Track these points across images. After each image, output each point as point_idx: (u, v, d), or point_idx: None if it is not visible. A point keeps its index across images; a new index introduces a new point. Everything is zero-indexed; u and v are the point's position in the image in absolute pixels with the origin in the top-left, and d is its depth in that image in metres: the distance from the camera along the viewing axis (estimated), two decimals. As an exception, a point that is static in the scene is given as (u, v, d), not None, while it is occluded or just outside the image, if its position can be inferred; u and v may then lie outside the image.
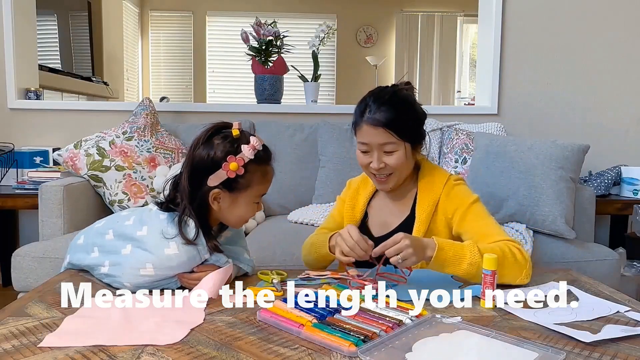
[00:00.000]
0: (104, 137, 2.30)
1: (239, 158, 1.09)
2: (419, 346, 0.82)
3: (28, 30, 2.91)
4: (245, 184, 1.11)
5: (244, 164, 1.09)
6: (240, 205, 1.13)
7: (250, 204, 1.15)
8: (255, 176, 1.12)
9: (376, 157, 1.26)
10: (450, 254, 1.13)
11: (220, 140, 1.11)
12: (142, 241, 1.11)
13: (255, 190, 1.14)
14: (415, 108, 1.31)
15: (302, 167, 2.49)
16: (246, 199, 1.13)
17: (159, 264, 1.09)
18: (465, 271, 1.13)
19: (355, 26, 6.55)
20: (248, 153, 1.09)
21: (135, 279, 1.10)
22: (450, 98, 6.54)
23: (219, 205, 1.12)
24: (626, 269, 2.26)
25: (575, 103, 2.84)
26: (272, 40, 2.68)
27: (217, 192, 1.10)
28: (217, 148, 1.10)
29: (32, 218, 2.55)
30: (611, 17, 2.81)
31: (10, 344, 0.82)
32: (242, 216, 1.16)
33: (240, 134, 1.12)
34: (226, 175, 1.09)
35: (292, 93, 4.07)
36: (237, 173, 1.09)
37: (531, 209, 1.96)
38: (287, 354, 0.80)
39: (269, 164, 1.16)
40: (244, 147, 1.09)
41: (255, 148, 1.11)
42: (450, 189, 1.31)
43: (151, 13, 6.48)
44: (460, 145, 2.36)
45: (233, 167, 1.08)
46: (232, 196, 1.12)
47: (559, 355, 0.79)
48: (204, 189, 1.10)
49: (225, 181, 1.09)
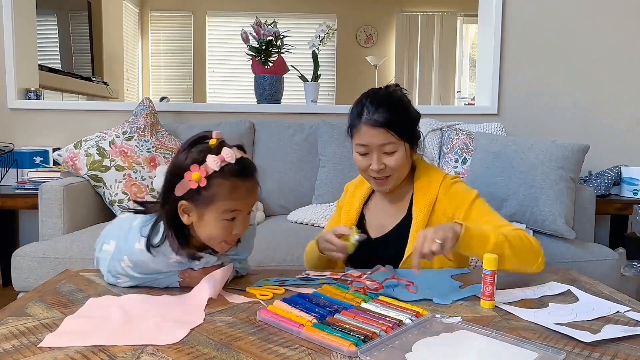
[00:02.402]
0: (104, 137, 2.30)
1: (202, 168, 1.01)
2: (419, 346, 0.82)
3: (28, 30, 2.91)
4: (208, 197, 1.02)
5: (207, 175, 1.01)
6: (208, 222, 1.04)
7: (218, 222, 1.04)
8: (220, 190, 1.02)
9: (376, 158, 1.26)
10: (477, 232, 1.12)
11: (196, 149, 1.04)
12: (125, 236, 1.12)
13: (221, 205, 1.03)
14: (410, 108, 1.32)
15: (302, 167, 2.49)
16: (212, 215, 1.04)
17: (133, 258, 1.09)
18: (489, 251, 1.10)
19: (355, 26, 6.55)
20: (212, 164, 1.01)
21: (122, 271, 1.11)
22: (450, 98, 6.54)
23: (189, 219, 1.05)
24: (626, 269, 2.26)
25: (575, 103, 2.84)
26: (272, 40, 2.68)
27: (185, 204, 1.03)
28: (190, 156, 1.03)
29: (32, 218, 2.55)
30: (611, 17, 2.81)
31: (10, 344, 0.82)
32: (211, 235, 1.06)
33: (219, 144, 1.04)
34: (189, 185, 1.01)
35: (292, 93, 4.06)
36: (199, 184, 1.01)
37: (531, 209, 1.96)
38: (287, 354, 0.80)
39: (242, 179, 1.05)
40: (210, 157, 1.01)
41: (225, 160, 1.01)
42: (448, 188, 1.31)
43: (151, 13, 6.48)
44: (460, 145, 2.36)
45: (195, 177, 1.00)
46: (198, 211, 1.04)
47: (559, 355, 0.79)
48: (172, 197, 1.04)
49: (191, 193, 1.02)
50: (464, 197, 1.29)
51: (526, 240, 1.17)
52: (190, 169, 1.01)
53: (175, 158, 1.07)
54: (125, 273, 1.11)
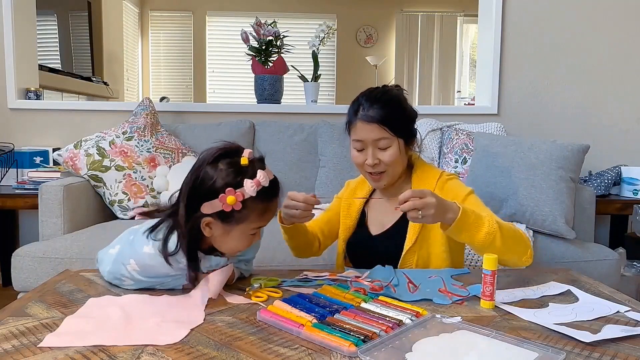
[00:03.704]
0: (104, 137, 2.30)
1: (238, 193, 0.99)
2: (419, 346, 0.82)
3: (28, 30, 2.91)
4: (241, 218, 1.03)
5: (243, 199, 1.00)
6: (233, 237, 1.06)
7: (245, 236, 1.07)
8: (254, 212, 1.03)
9: (371, 153, 1.30)
10: (472, 220, 1.13)
11: (225, 166, 1.02)
12: (131, 241, 1.11)
13: (252, 224, 1.05)
14: (405, 106, 1.35)
15: (302, 167, 2.49)
16: (240, 231, 1.05)
17: (141, 262, 1.07)
18: (480, 240, 1.12)
19: (355, 26, 6.55)
20: (250, 190, 1.00)
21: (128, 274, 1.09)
22: (450, 98, 6.54)
23: (210, 232, 1.05)
24: (626, 269, 2.26)
25: (575, 103, 2.84)
26: (272, 40, 2.68)
27: (209, 220, 1.03)
28: (220, 175, 1.01)
29: (32, 218, 2.55)
30: (611, 17, 2.81)
31: (10, 344, 0.82)
32: (234, 247, 1.09)
33: (249, 164, 1.02)
34: (221, 207, 1.00)
35: (292, 93, 4.06)
36: (234, 208, 1.00)
37: (531, 209, 1.96)
38: (287, 354, 0.80)
39: (273, 200, 1.06)
40: (247, 182, 1.00)
41: (260, 184, 1.01)
42: (444, 184, 1.33)
43: (151, 13, 6.48)
44: (460, 145, 2.36)
45: (230, 200, 0.99)
46: (225, 227, 1.04)
47: (559, 355, 0.79)
48: (197, 213, 1.02)
49: (219, 213, 1.01)
50: (457, 193, 1.30)
51: (517, 232, 1.19)
52: (225, 192, 0.99)
53: (199, 170, 1.03)
54: (131, 276, 1.09)
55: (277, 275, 1.21)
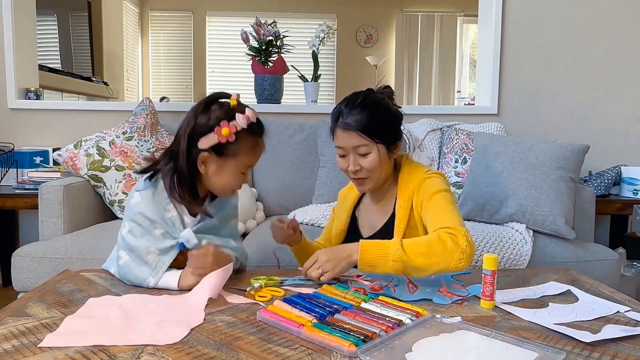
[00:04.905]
0: (104, 137, 2.30)
1: (232, 125, 1.13)
2: (419, 346, 0.82)
3: (28, 30, 2.91)
4: (234, 151, 1.15)
5: (236, 131, 1.13)
6: (226, 172, 1.17)
7: (237, 173, 1.19)
8: (245, 145, 1.16)
9: (352, 160, 1.30)
10: (375, 254, 1.14)
11: (217, 107, 1.17)
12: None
13: (243, 159, 1.18)
14: (387, 110, 1.33)
15: (302, 167, 2.48)
16: (233, 166, 1.17)
17: (131, 217, 1.17)
18: (392, 268, 1.13)
19: (355, 26, 6.55)
20: (242, 122, 1.14)
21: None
22: (450, 98, 6.54)
23: (206, 170, 1.17)
24: (626, 269, 2.26)
25: (575, 103, 2.84)
26: (272, 40, 2.68)
27: (205, 155, 1.15)
28: (213, 114, 1.15)
29: (32, 218, 2.55)
30: (611, 17, 2.81)
31: (10, 344, 0.82)
32: (227, 184, 1.20)
33: (238, 104, 1.17)
34: (217, 139, 1.13)
35: (292, 93, 4.06)
36: (228, 139, 1.13)
37: (531, 209, 1.96)
38: (287, 354, 0.80)
39: (260, 137, 1.20)
40: (239, 115, 1.14)
41: (250, 119, 1.15)
42: (422, 182, 1.32)
43: (151, 13, 6.48)
44: (460, 145, 2.36)
45: (225, 132, 1.12)
46: (219, 162, 1.16)
47: (559, 355, 0.79)
48: (194, 151, 1.15)
49: (215, 146, 1.14)
50: (427, 190, 1.29)
51: (436, 243, 1.15)
52: (220, 124, 1.13)
53: (193, 119, 1.16)
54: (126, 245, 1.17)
55: (277, 275, 1.21)
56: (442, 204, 1.26)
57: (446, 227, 1.18)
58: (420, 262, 1.13)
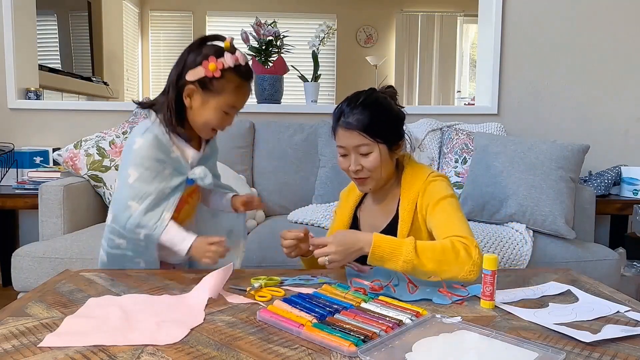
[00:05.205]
0: (104, 137, 2.30)
1: (219, 61, 1.18)
2: (419, 346, 0.82)
3: (28, 30, 2.91)
4: (219, 87, 1.20)
5: (223, 68, 1.18)
6: (209, 107, 1.22)
7: (219, 111, 1.22)
8: (230, 84, 1.20)
9: (353, 159, 1.30)
10: (387, 250, 1.14)
11: (209, 45, 1.22)
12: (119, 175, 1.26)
13: (227, 98, 1.21)
14: (389, 110, 1.32)
15: (302, 167, 2.49)
16: (216, 103, 1.21)
17: (138, 162, 1.20)
18: (401, 267, 1.13)
19: (355, 26, 6.55)
20: (229, 60, 1.18)
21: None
22: (450, 98, 6.54)
23: (190, 103, 1.22)
24: (626, 269, 2.26)
25: (575, 103, 2.84)
26: (272, 40, 2.68)
27: (191, 88, 1.20)
28: (204, 51, 1.20)
29: (32, 218, 2.55)
30: (611, 17, 2.81)
31: (10, 344, 0.82)
32: (208, 120, 1.23)
33: (230, 47, 1.21)
34: (204, 73, 1.18)
35: (292, 93, 4.06)
36: (214, 74, 1.18)
37: (531, 209, 1.96)
38: (287, 354, 0.80)
39: (247, 81, 1.24)
40: (227, 54, 1.19)
41: (238, 60, 1.19)
42: (427, 185, 1.31)
43: (151, 13, 6.48)
44: (460, 145, 2.36)
45: (212, 67, 1.17)
46: (204, 96, 1.21)
47: (559, 355, 0.79)
48: (181, 82, 1.21)
49: (201, 80, 1.19)
50: (434, 195, 1.28)
51: (449, 252, 1.14)
52: (208, 59, 1.18)
53: (185, 54, 1.22)
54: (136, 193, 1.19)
55: (278, 275, 1.21)
56: (449, 211, 1.26)
57: (459, 237, 1.17)
58: (431, 268, 1.12)
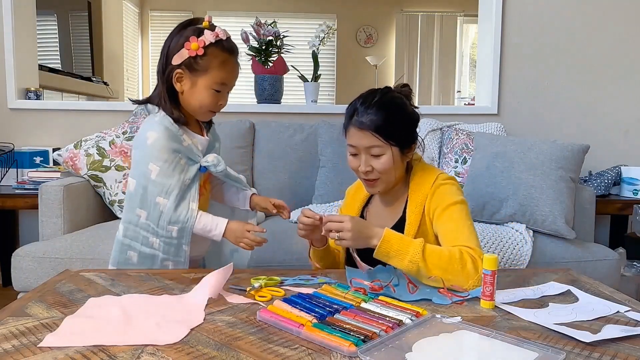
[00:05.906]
0: (104, 137, 2.30)
1: (200, 39, 1.22)
2: (419, 346, 0.82)
3: (28, 30, 2.91)
4: (204, 65, 1.23)
5: (205, 45, 1.22)
6: (199, 88, 1.25)
7: (209, 90, 1.25)
8: (215, 60, 1.24)
9: (364, 160, 1.27)
10: (395, 248, 1.13)
11: (190, 29, 1.25)
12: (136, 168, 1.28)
13: (215, 75, 1.24)
14: (404, 111, 1.29)
15: (302, 167, 2.48)
16: (205, 82, 1.25)
17: (155, 156, 1.23)
18: (406, 267, 1.12)
19: (355, 26, 6.55)
20: (209, 37, 1.22)
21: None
22: (450, 98, 6.53)
23: (181, 87, 1.25)
24: (626, 269, 2.26)
25: (575, 103, 2.84)
26: (272, 40, 2.68)
27: (179, 71, 1.24)
28: (185, 34, 1.24)
29: (32, 218, 2.55)
30: (611, 17, 2.81)
31: (10, 344, 0.82)
32: (202, 102, 1.26)
33: (209, 25, 1.25)
34: (187, 54, 1.22)
35: (292, 93, 4.06)
36: (197, 53, 1.22)
37: (531, 209, 1.96)
38: (287, 354, 0.80)
39: (231, 55, 1.27)
40: (207, 31, 1.23)
41: (218, 35, 1.23)
42: (436, 188, 1.29)
43: (151, 13, 6.48)
44: (460, 145, 2.36)
45: (194, 46, 1.21)
46: (192, 78, 1.25)
47: (559, 355, 0.79)
48: (169, 68, 1.24)
49: (187, 62, 1.23)
50: (442, 201, 1.26)
51: (457, 262, 1.13)
52: (189, 39, 1.22)
53: (168, 41, 1.26)
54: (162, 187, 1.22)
55: (278, 275, 1.21)
56: (457, 219, 1.23)
57: (468, 247, 1.16)
58: (435, 274, 1.11)
